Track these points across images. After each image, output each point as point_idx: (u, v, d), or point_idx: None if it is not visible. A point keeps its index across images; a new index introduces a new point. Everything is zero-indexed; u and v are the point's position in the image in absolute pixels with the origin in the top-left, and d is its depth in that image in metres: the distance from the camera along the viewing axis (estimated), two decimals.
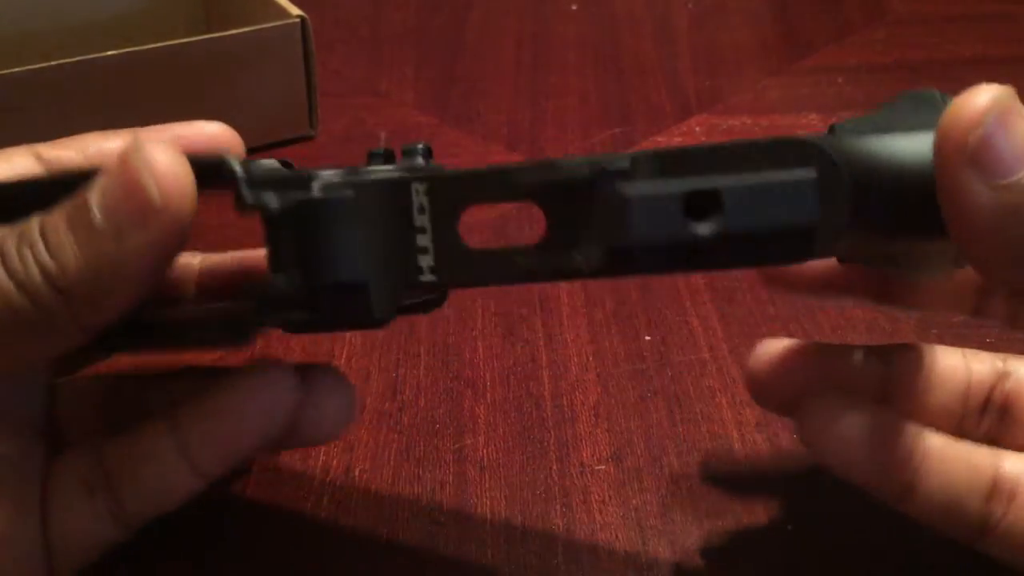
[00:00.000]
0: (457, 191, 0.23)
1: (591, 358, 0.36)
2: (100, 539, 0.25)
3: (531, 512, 0.30)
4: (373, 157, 0.25)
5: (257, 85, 0.47)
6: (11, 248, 0.21)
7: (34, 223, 0.21)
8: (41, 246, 0.21)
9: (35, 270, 0.20)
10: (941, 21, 0.63)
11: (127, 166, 0.21)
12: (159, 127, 0.27)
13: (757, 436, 0.32)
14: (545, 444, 0.32)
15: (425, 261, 0.23)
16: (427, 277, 0.23)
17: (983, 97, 0.20)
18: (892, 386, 0.27)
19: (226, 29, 0.45)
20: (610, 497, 0.30)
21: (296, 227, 0.22)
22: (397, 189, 0.23)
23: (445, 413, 0.33)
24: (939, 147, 0.20)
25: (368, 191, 0.23)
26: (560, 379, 0.35)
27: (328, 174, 0.23)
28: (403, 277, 0.23)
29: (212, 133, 0.28)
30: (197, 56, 0.45)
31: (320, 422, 0.26)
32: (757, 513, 0.29)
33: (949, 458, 0.24)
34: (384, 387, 0.35)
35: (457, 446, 0.32)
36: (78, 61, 0.42)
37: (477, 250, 0.23)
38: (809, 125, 0.51)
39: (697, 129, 0.51)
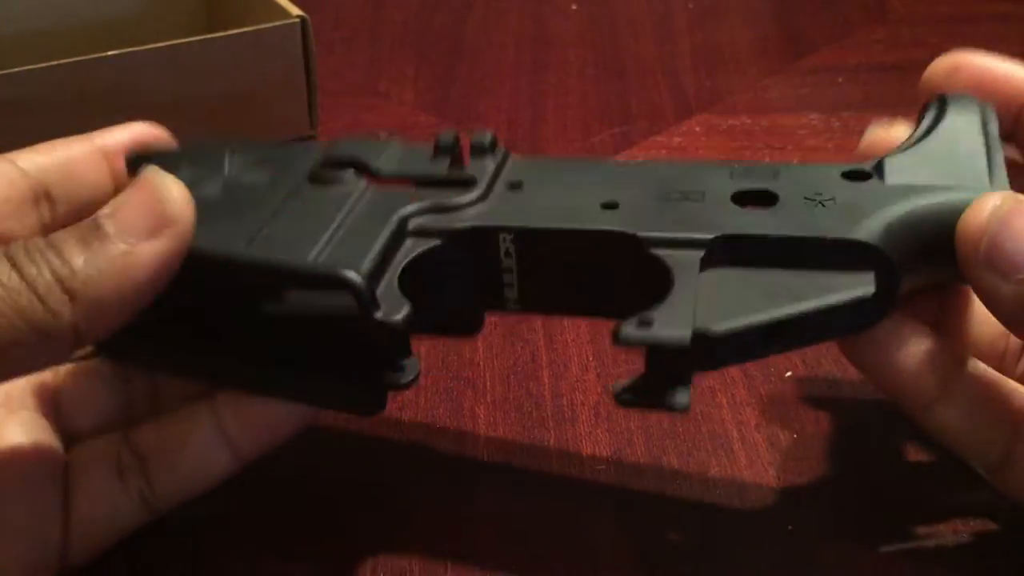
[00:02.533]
0: (545, 244, 0.25)
1: (591, 358, 0.36)
2: (125, 523, 0.27)
3: (531, 512, 0.30)
4: (441, 149, 0.27)
5: (257, 85, 0.47)
6: (20, 253, 0.21)
7: (37, 239, 0.22)
8: (51, 253, 0.21)
9: (47, 270, 0.21)
10: (941, 21, 0.63)
11: (148, 183, 0.23)
12: (101, 131, 0.29)
13: (757, 436, 0.32)
14: (545, 444, 0.32)
15: (511, 293, 0.26)
16: (512, 306, 0.26)
17: (987, 205, 0.23)
18: (943, 315, 0.27)
19: (226, 29, 0.45)
20: (610, 497, 0.30)
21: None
22: (485, 237, 0.25)
23: (445, 413, 0.33)
24: (960, 254, 0.23)
25: (456, 239, 0.25)
26: (560, 379, 0.35)
27: (418, 221, 0.25)
28: (492, 300, 0.26)
29: (140, 133, 0.29)
30: (197, 56, 0.45)
31: None
32: (757, 513, 0.29)
33: (984, 382, 0.25)
34: None
35: (457, 446, 0.32)
36: (78, 61, 0.42)
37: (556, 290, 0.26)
38: (809, 124, 0.51)
39: (697, 129, 0.51)
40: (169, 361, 0.27)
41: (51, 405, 0.28)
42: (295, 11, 0.47)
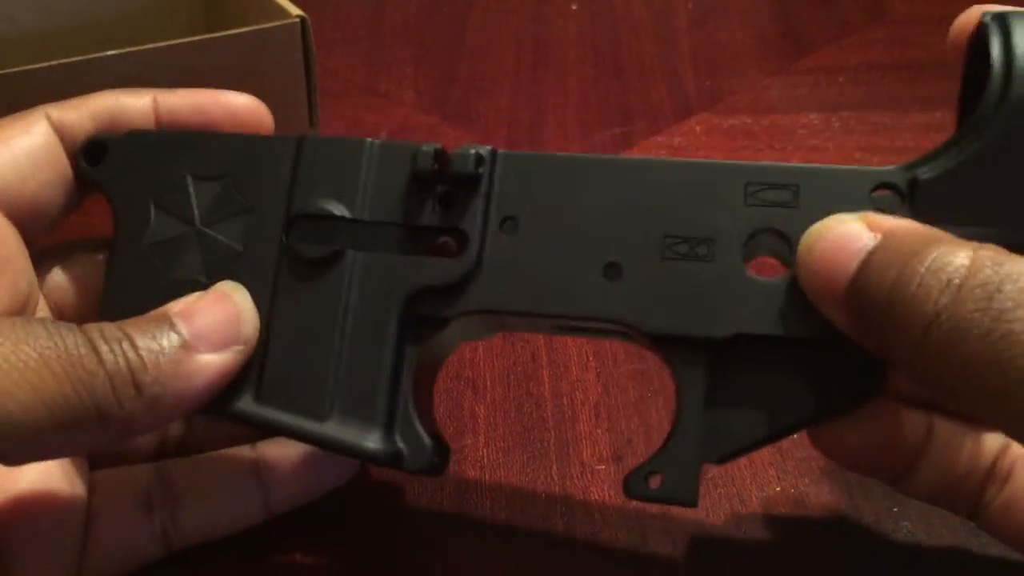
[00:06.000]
0: (549, 320, 0.25)
1: (591, 358, 0.36)
2: (142, 555, 0.26)
3: (531, 512, 0.30)
4: (419, 177, 0.25)
5: (257, 85, 0.47)
6: (97, 335, 0.21)
7: (111, 325, 0.22)
8: (127, 343, 0.21)
9: (122, 359, 0.21)
10: (941, 21, 0.63)
11: (228, 301, 0.24)
12: (186, 91, 0.29)
13: None
14: (545, 444, 0.32)
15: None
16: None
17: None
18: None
19: (226, 29, 0.45)
20: (610, 497, 0.30)
21: None
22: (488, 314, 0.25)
23: (445, 413, 0.33)
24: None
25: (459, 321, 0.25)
26: (560, 379, 0.35)
27: (415, 309, 0.25)
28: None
29: (239, 105, 0.29)
30: (197, 56, 0.45)
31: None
32: (757, 513, 0.29)
33: (950, 438, 0.24)
34: None
35: (457, 446, 0.32)
36: (78, 61, 0.42)
37: None
38: (809, 124, 0.51)
39: (697, 129, 0.51)
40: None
41: None
42: (295, 11, 0.47)
